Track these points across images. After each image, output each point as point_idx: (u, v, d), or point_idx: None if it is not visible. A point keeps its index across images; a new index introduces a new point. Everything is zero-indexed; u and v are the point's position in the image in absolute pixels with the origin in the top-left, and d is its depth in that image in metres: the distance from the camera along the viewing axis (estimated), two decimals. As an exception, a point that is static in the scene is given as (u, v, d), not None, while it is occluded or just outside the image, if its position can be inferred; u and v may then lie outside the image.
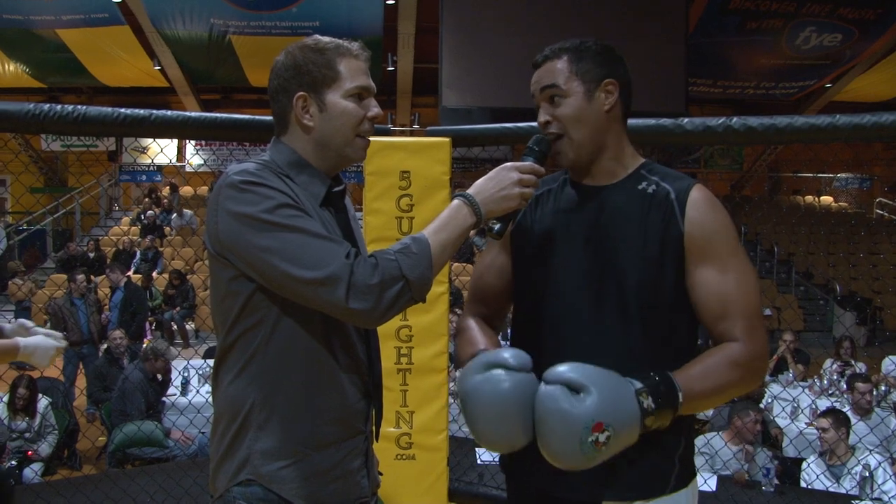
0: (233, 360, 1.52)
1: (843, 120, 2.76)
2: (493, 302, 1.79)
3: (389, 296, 1.40)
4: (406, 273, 1.41)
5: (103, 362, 6.54)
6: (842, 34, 12.86)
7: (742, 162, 17.81)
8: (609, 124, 1.60)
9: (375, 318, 1.42)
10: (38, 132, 3.16)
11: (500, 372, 1.46)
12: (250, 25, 12.12)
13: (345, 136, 1.55)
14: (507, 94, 10.80)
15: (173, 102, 15.30)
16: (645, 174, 1.62)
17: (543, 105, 1.61)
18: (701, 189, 1.57)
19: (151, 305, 10.81)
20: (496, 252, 1.77)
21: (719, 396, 1.54)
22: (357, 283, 1.38)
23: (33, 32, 12.50)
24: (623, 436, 1.39)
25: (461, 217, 1.50)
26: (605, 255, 1.56)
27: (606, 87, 1.58)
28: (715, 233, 1.53)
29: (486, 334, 1.72)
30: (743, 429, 4.46)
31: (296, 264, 1.38)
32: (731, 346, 1.51)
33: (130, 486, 3.73)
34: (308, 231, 1.41)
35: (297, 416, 1.50)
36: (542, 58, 1.63)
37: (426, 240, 1.46)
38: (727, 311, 1.52)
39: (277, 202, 1.42)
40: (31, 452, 5.24)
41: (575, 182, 1.67)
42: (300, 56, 1.54)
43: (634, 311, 1.54)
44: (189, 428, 5.37)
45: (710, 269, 1.52)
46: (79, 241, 13.85)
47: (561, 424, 1.38)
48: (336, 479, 1.55)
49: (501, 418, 1.45)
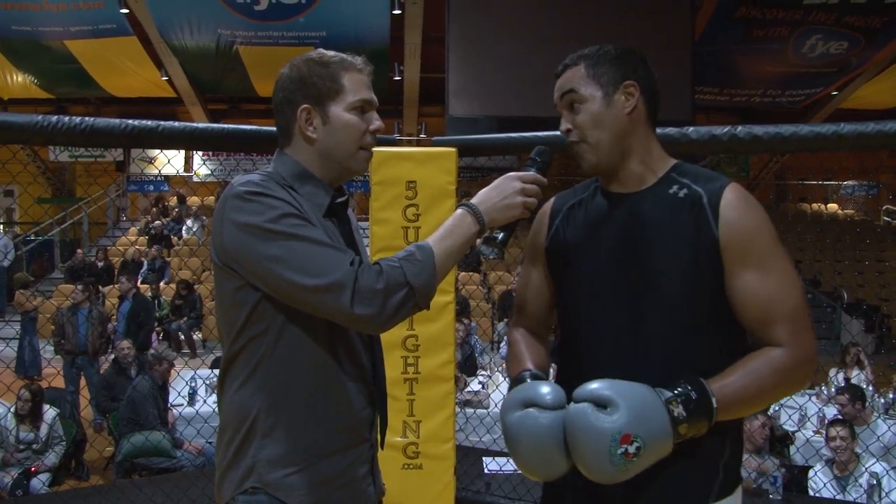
0: (238, 369, 1.53)
1: (847, 128, 2.77)
2: (535, 315, 1.80)
3: (394, 302, 1.42)
4: (410, 280, 1.43)
5: (111, 372, 6.56)
6: (848, 42, 12.85)
7: (748, 170, 17.78)
8: (632, 127, 1.57)
9: (380, 324, 1.44)
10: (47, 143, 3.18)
11: (535, 411, 1.49)
12: (258, 36, 12.17)
13: (347, 149, 1.57)
14: (513, 103, 10.83)
15: (181, 112, 15.37)
16: (676, 177, 1.58)
17: (564, 113, 1.61)
18: (735, 188, 1.52)
19: (158, 315, 10.84)
20: (532, 267, 1.78)
21: (760, 402, 1.50)
22: (362, 290, 1.39)
23: (41, 43, 12.59)
24: (655, 446, 1.38)
25: (465, 225, 1.52)
26: (640, 265, 1.54)
27: (626, 90, 1.56)
28: (751, 234, 1.48)
29: (532, 350, 1.74)
30: (752, 435, 4.44)
31: (301, 272, 1.40)
32: (775, 351, 1.47)
33: (138, 496, 3.73)
34: (312, 240, 1.43)
35: (303, 424, 1.51)
36: (562, 67, 1.62)
37: (430, 248, 1.48)
38: (770, 316, 1.47)
39: (282, 212, 1.43)
40: (34, 468, 5.19)
41: (605, 190, 1.65)
42: (305, 69, 1.56)
43: (675, 321, 1.51)
44: (196, 438, 5.38)
45: (750, 273, 1.47)
46: (87, 252, 13.90)
47: (589, 439, 1.39)
48: (342, 487, 1.55)
49: (539, 454, 1.49)
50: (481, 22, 11.25)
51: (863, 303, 13.30)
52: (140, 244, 13.59)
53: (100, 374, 7.20)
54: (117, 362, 6.55)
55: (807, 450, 5.29)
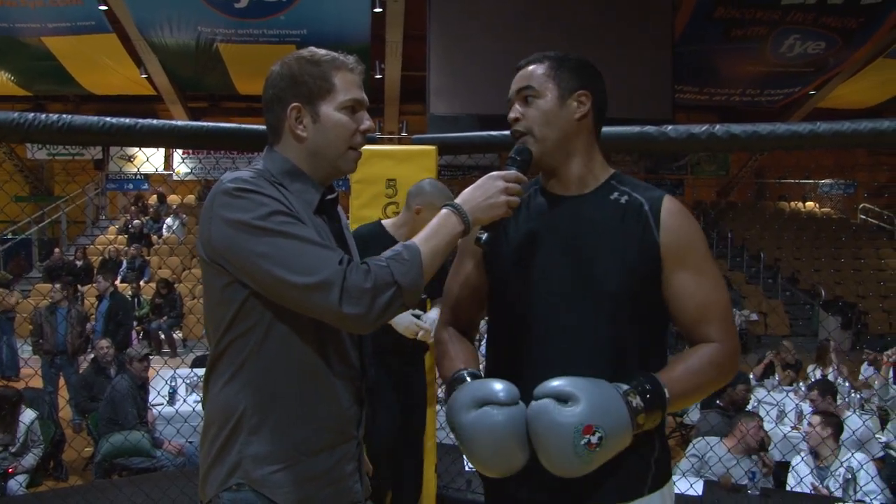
0: (224, 366, 1.52)
1: (823, 127, 2.80)
2: (466, 314, 1.82)
3: (382, 301, 1.42)
4: (398, 279, 1.43)
5: (90, 372, 6.50)
6: (825, 42, 13.00)
7: (728, 168, 17.92)
8: (578, 131, 1.63)
9: (368, 323, 1.44)
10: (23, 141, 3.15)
11: (491, 409, 1.49)
12: (238, 33, 12.11)
13: (337, 148, 1.57)
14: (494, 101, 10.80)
15: (160, 110, 15.25)
16: (615, 185, 1.66)
17: (517, 104, 1.66)
18: (672, 200, 1.63)
19: (138, 314, 10.76)
20: (466, 264, 1.79)
21: (700, 394, 1.62)
22: (350, 289, 1.40)
23: (19, 40, 12.46)
24: (616, 436, 1.44)
25: (450, 225, 1.53)
26: (584, 265, 1.59)
27: (580, 98, 1.62)
28: (690, 241, 1.60)
29: (464, 350, 1.75)
30: (747, 435, 4.48)
31: (290, 270, 1.40)
32: (711, 346, 1.58)
33: (117, 496, 3.71)
34: (302, 237, 1.42)
35: (291, 422, 1.51)
36: (524, 62, 1.68)
37: (417, 247, 1.49)
38: (705, 316, 1.59)
39: (271, 209, 1.43)
40: (11, 469, 5.13)
41: (546, 191, 1.70)
42: (296, 67, 1.56)
43: (616, 319, 1.57)
44: (176, 437, 5.35)
45: (688, 276, 1.58)
46: (65, 250, 13.77)
47: (553, 433, 1.42)
48: (329, 485, 1.55)
49: (499, 451, 1.50)
50: (462, 20, 11.27)
51: (840, 300, 13.46)
52: (119, 243, 13.48)
53: (79, 373, 7.14)
54: (96, 362, 6.49)
55: (784, 445, 5.35)
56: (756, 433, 4.51)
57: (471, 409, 1.51)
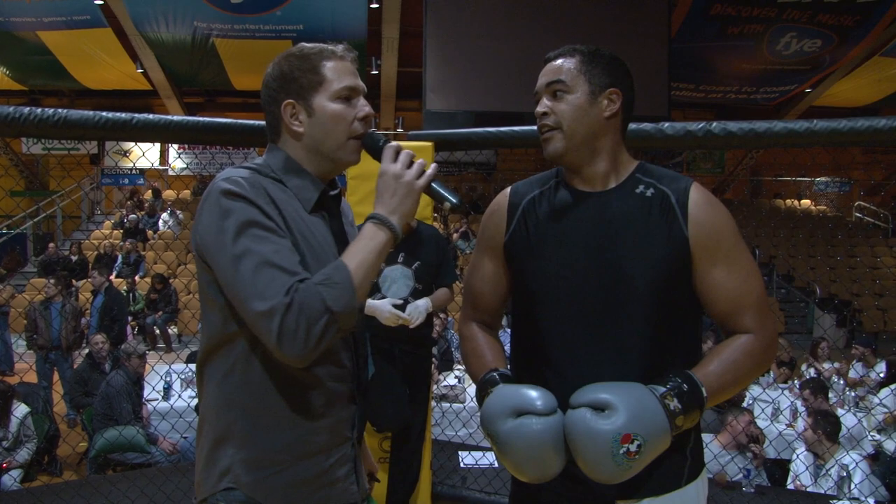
0: (216, 366, 1.51)
1: (820, 125, 2.80)
2: (490, 309, 1.80)
3: (316, 332, 1.36)
4: (331, 306, 1.37)
5: (84, 367, 6.48)
6: (821, 40, 13.00)
7: (724, 165, 17.95)
8: (606, 130, 1.60)
9: (305, 358, 1.38)
10: (19, 135, 3.14)
11: (529, 419, 1.49)
12: (234, 29, 12.08)
13: (336, 140, 1.53)
14: (491, 97, 10.85)
15: (156, 105, 15.22)
16: (640, 177, 1.62)
17: (545, 98, 1.62)
18: (699, 189, 1.59)
19: (134, 309, 10.74)
20: (486, 259, 1.77)
21: (738, 386, 1.58)
22: (287, 324, 1.35)
23: (14, 34, 12.40)
24: (655, 441, 1.43)
25: (377, 237, 1.46)
26: (611, 261, 1.56)
27: (610, 96, 1.59)
28: (719, 232, 1.56)
29: (492, 347, 1.75)
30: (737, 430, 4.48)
31: (245, 290, 1.37)
32: (746, 338, 1.56)
33: (112, 491, 3.71)
34: (264, 256, 1.38)
35: (282, 425, 1.48)
36: (554, 55, 1.63)
37: (346, 268, 1.42)
38: (739, 306, 1.56)
39: (249, 218, 1.40)
40: (5, 464, 5.12)
41: (569, 186, 1.66)
42: (285, 65, 1.54)
43: (645, 315, 1.55)
44: (171, 433, 5.34)
45: (719, 268, 1.56)
46: (60, 245, 13.74)
47: (591, 443, 1.42)
48: (323, 487, 1.53)
49: (537, 460, 1.50)
50: (459, 17, 11.24)
51: (835, 298, 13.49)
52: (115, 238, 13.44)
53: (73, 369, 7.12)
54: (91, 357, 6.48)
55: (779, 443, 5.37)
56: (747, 428, 4.52)
57: (508, 418, 1.51)
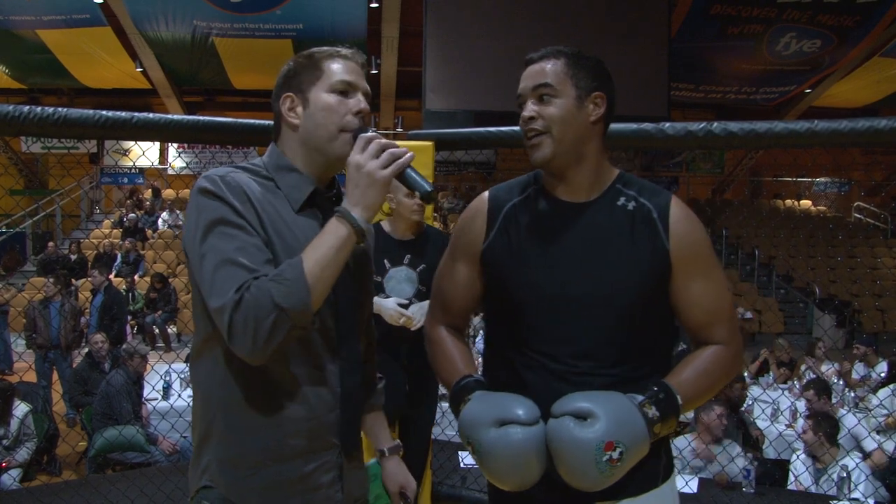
0: (202, 363, 1.52)
1: (821, 125, 2.80)
2: (459, 312, 1.78)
3: (264, 330, 1.34)
4: (279, 302, 1.34)
5: (84, 366, 6.48)
6: (821, 40, 13.01)
7: (723, 166, 17.96)
8: (592, 134, 1.60)
9: (258, 355, 1.37)
10: (18, 134, 3.13)
11: (513, 429, 1.50)
12: (234, 27, 12.07)
13: (328, 131, 1.51)
14: (490, 97, 10.84)
15: (156, 104, 15.22)
16: (621, 188, 1.63)
17: (531, 102, 1.60)
18: (678, 203, 1.63)
19: (133, 309, 10.74)
20: (459, 263, 1.74)
21: (710, 394, 1.64)
22: (236, 321, 1.34)
23: (13, 33, 12.39)
24: (635, 448, 1.46)
25: (337, 231, 1.42)
26: (596, 274, 1.57)
27: (595, 100, 1.59)
28: (698, 246, 1.61)
29: (461, 351, 1.74)
30: (710, 424, 4.49)
31: (208, 287, 1.38)
32: (718, 348, 1.62)
33: (111, 491, 3.70)
34: (227, 253, 1.38)
35: (259, 427, 1.48)
36: (538, 56, 1.61)
37: (300, 264, 1.39)
38: (714, 319, 1.62)
39: (219, 216, 1.40)
40: (4, 464, 5.11)
41: (551, 195, 1.65)
42: (292, 63, 1.57)
43: (626, 326, 1.57)
44: (171, 432, 5.34)
45: (697, 282, 1.60)
46: (59, 244, 13.73)
47: (575, 452, 1.44)
48: (301, 493, 1.51)
49: (519, 469, 1.51)
50: (459, 16, 11.24)
51: (835, 298, 13.49)
52: (114, 237, 13.44)
53: (72, 368, 7.12)
54: (90, 356, 6.47)
55: (779, 443, 5.37)
56: (718, 423, 4.51)
57: (491, 427, 1.51)
